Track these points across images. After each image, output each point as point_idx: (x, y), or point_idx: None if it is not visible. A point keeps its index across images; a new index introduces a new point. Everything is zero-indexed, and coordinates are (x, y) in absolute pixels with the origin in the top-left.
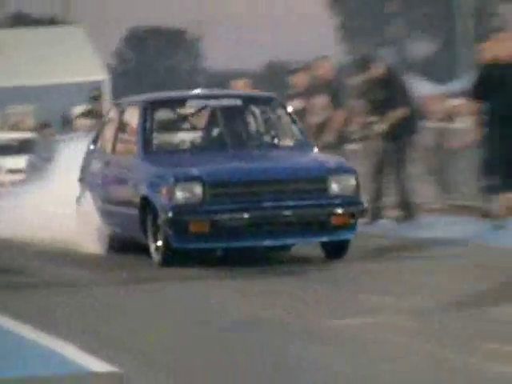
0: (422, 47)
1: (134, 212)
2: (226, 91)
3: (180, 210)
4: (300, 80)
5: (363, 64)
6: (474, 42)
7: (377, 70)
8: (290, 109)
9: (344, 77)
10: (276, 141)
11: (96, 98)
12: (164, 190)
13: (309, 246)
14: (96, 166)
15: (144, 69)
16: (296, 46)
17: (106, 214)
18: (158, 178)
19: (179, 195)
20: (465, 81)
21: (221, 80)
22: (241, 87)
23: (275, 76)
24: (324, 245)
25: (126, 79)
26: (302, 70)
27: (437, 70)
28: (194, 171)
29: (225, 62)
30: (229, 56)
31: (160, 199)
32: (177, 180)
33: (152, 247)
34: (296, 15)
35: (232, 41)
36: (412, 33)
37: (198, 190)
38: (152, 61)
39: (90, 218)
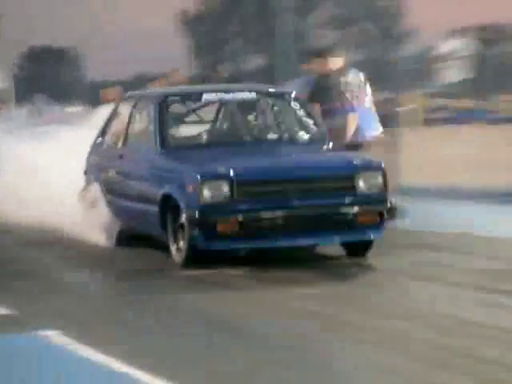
0: (254, 61)
1: (154, 209)
2: (240, 85)
3: (207, 209)
4: (158, 86)
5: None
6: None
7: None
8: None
9: (193, 84)
10: (294, 136)
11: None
12: (190, 188)
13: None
14: (105, 159)
15: (39, 79)
16: (159, 60)
17: (118, 209)
18: (181, 175)
19: (206, 194)
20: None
21: (100, 88)
22: (111, 94)
23: (141, 84)
24: (347, 243)
25: (25, 86)
26: (160, 79)
27: (266, 79)
28: (221, 169)
29: (103, 74)
30: (107, 68)
31: (185, 198)
32: (204, 178)
33: (173, 248)
34: (157, 36)
35: (108, 56)
36: (246, 49)
37: (225, 188)
38: (45, 73)
39: (98, 210)
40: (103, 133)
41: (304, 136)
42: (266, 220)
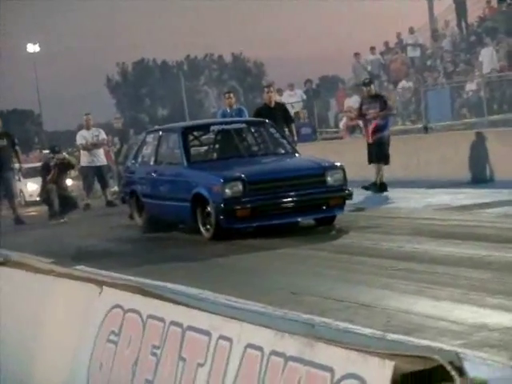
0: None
1: (186, 205)
2: (235, 119)
3: (229, 201)
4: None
5: None
6: None
7: None
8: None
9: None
10: (274, 151)
11: None
12: (216, 188)
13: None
14: (142, 173)
15: None
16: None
17: (155, 207)
18: (207, 179)
19: (227, 191)
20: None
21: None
22: None
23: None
24: (319, 218)
25: None
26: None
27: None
28: (236, 174)
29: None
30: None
31: (212, 195)
32: (225, 180)
33: (203, 229)
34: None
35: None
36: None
37: (240, 187)
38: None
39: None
40: (136, 157)
41: (282, 150)
42: (267, 206)
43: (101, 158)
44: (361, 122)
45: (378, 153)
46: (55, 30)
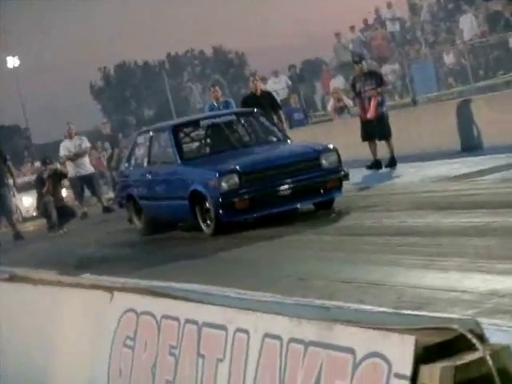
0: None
1: (184, 203)
2: (223, 111)
3: (226, 195)
4: None
5: None
6: None
7: None
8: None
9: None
10: (266, 139)
11: None
12: (212, 183)
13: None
14: (137, 176)
15: None
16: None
17: (153, 208)
18: (202, 175)
19: (224, 184)
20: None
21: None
22: None
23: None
24: (318, 202)
25: None
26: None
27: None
28: (231, 166)
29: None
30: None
31: (209, 190)
32: (221, 174)
33: (203, 225)
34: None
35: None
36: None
37: (236, 179)
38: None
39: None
40: (129, 159)
41: (273, 138)
42: (265, 196)
43: (86, 166)
44: (351, 102)
45: (381, 129)
46: (36, 42)
